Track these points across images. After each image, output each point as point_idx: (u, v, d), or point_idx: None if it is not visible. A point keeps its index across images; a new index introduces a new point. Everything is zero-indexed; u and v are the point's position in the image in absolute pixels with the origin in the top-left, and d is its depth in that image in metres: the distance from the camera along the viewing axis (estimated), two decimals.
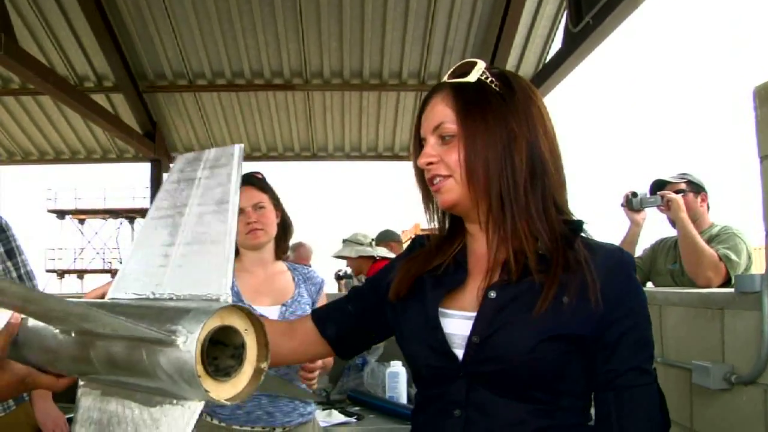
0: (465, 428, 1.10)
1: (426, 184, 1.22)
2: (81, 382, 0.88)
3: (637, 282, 1.16)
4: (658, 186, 3.27)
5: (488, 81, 1.17)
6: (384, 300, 1.28)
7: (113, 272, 34.24)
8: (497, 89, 1.16)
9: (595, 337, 1.08)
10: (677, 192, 3.15)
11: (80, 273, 36.40)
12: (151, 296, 0.84)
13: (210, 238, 0.82)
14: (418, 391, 1.26)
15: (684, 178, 3.20)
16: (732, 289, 2.31)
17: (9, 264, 2.38)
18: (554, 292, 1.07)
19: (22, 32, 5.78)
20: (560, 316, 1.07)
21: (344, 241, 6.08)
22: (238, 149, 0.89)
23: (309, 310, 2.34)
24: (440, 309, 1.16)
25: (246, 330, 0.78)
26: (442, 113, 1.17)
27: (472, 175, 1.13)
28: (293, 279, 2.41)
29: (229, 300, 0.77)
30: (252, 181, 2.40)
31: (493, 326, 1.09)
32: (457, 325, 1.14)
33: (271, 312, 2.26)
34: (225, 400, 0.76)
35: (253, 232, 2.30)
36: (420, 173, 1.23)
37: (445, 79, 1.22)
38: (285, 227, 2.45)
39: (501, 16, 5.70)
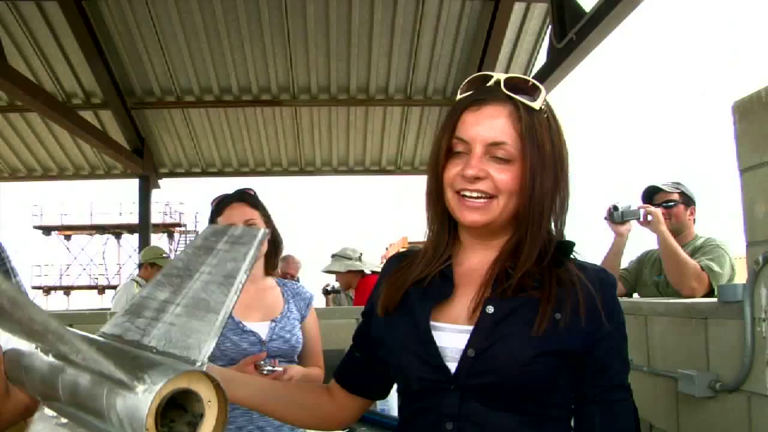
0: None
1: (439, 187, 1.19)
2: (42, 406, 0.88)
3: (618, 302, 1.21)
4: (651, 192, 3.30)
5: (544, 112, 1.17)
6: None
7: (99, 288, 34.03)
8: (548, 120, 1.17)
9: (584, 352, 1.13)
10: (668, 202, 3.19)
11: (66, 289, 36.09)
12: (134, 344, 0.84)
13: (208, 306, 0.83)
14: (405, 403, 1.26)
15: (677, 189, 3.24)
16: (715, 299, 2.36)
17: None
18: (550, 309, 1.11)
19: (10, 49, 5.79)
20: (555, 332, 1.10)
21: (333, 255, 6.10)
22: (262, 233, 0.92)
23: (298, 326, 2.37)
24: (431, 322, 1.17)
25: (209, 402, 0.76)
26: (506, 132, 1.13)
27: (528, 207, 1.14)
28: (282, 295, 2.43)
29: (204, 368, 0.76)
30: (244, 197, 2.42)
31: (490, 340, 1.11)
32: (450, 338, 1.15)
33: (261, 327, 2.27)
34: None
35: None
36: (439, 170, 1.19)
37: (503, 87, 1.15)
38: (275, 244, 2.48)
39: (486, 32, 5.77)
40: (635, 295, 3.42)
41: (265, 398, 1.32)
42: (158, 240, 31.27)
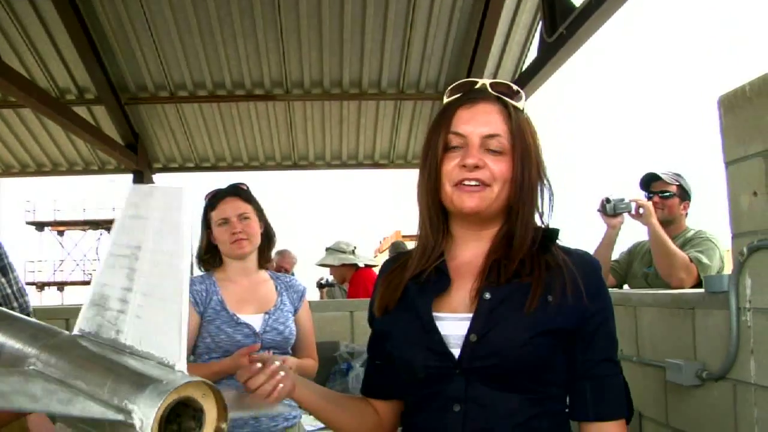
0: (464, 421, 1.20)
1: (435, 183, 1.28)
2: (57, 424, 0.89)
3: (603, 281, 1.31)
4: (649, 180, 3.32)
5: (524, 112, 1.31)
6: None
7: None
8: (527, 119, 1.31)
9: (575, 330, 1.22)
10: (664, 192, 3.22)
11: (60, 285, 36.04)
12: (112, 344, 0.84)
13: (164, 293, 0.81)
14: (410, 392, 1.33)
15: (677, 181, 3.26)
16: (702, 290, 2.41)
17: (3, 281, 2.42)
18: (540, 291, 1.20)
19: (4, 46, 5.80)
20: (547, 313, 1.19)
21: (327, 249, 6.14)
22: (186, 194, 0.85)
23: (291, 318, 2.41)
24: (433, 313, 1.25)
25: (204, 395, 0.78)
26: (500, 126, 1.26)
27: (517, 194, 1.26)
28: (276, 288, 2.47)
29: (184, 368, 0.77)
30: (237, 192, 2.46)
31: (489, 324, 1.20)
32: (451, 326, 1.23)
33: (254, 320, 2.32)
34: None
35: (238, 242, 2.35)
36: (436, 164, 1.27)
37: (489, 89, 1.30)
38: (268, 237, 2.52)
39: (478, 26, 5.79)
40: (625, 287, 3.46)
41: (326, 402, 1.39)
42: None
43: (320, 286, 7.84)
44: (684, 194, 3.28)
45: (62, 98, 6.72)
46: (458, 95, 1.32)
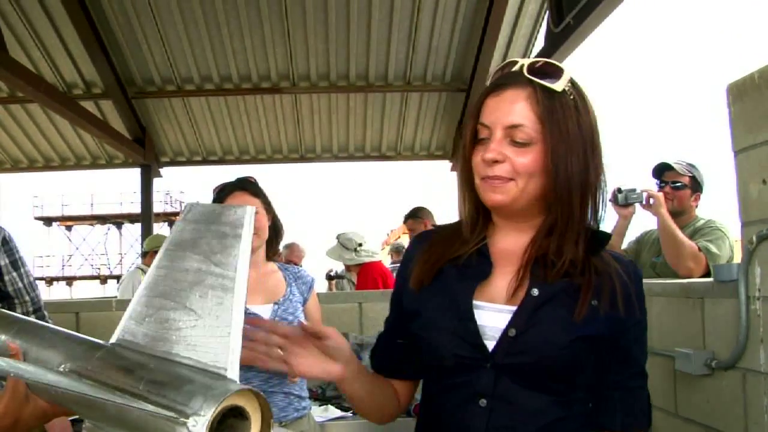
0: (489, 417, 1.16)
1: (470, 173, 1.22)
2: (86, 424, 0.87)
3: (644, 292, 1.26)
4: (662, 169, 3.30)
5: (570, 94, 1.18)
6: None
7: (102, 278, 34.11)
8: (574, 102, 1.18)
9: (613, 338, 1.18)
10: (676, 182, 3.21)
11: (69, 280, 36.19)
12: (159, 354, 0.83)
13: (220, 307, 0.80)
14: (433, 379, 1.28)
15: (690, 172, 3.22)
16: (711, 279, 2.40)
17: (14, 275, 2.45)
18: (590, 296, 1.16)
19: (11, 41, 5.80)
20: (592, 319, 1.15)
21: (337, 237, 6.13)
22: (248, 215, 0.85)
23: (300, 308, 2.42)
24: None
25: (251, 402, 0.79)
26: (524, 115, 1.15)
27: (553, 190, 1.16)
28: (284, 278, 2.48)
29: (236, 376, 0.77)
30: (245, 186, 2.46)
31: (532, 321, 1.15)
32: (489, 317, 1.18)
33: (264, 310, 2.33)
34: None
35: None
36: (466, 156, 1.22)
37: (525, 72, 1.18)
38: (276, 230, 2.52)
39: (484, 16, 5.78)
40: None
41: (370, 393, 1.33)
42: (159, 229, 31.32)
43: (329, 277, 7.85)
44: (696, 185, 3.26)
45: (69, 93, 6.76)
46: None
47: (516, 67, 1.20)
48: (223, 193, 2.46)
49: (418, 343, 1.28)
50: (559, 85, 1.16)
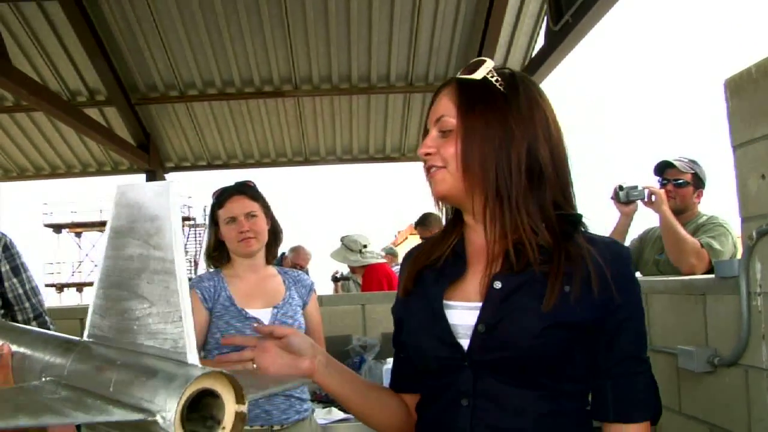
0: (473, 416, 1.14)
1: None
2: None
3: (634, 274, 1.23)
4: (663, 167, 3.29)
5: (494, 80, 1.21)
6: None
7: None
8: (501, 89, 1.20)
9: (596, 324, 1.14)
10: (678, 180, 3.20)
11: (79, 286, 36.35)
12: (123, 347, 0.83)
13: (164, 291, 0.78)
14: (424, 383, 1.28)
15: (692, 169, 3.22)
16: (713, 275, 2.39)
17: (15, 281, 2.46)
18: (559, 282, 1.13)
19: (14, 50, 5.83)
20: (563, 305, 1.12)
21: (342, 239, 6.14)
22: (173, 189, 0.78)
23: (300, 312, 2.42)
24: (444, 301, 1.20)
25: (219, 382, 0.77)
26: (445, 107, 1.23)
27: (467, 168, 1.18)
28: (284, 282, 2.49)
29: (196, 360, 0.76)
30: (244, 190, 2.47)
31: (499, 315, 1.14)
32: (461, 315, 1.18)
33: (263, 314, 2.34)
34: None
35: (246, 240, 2.37)
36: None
37: (458, 74, 1.27)
38: (275, 234, 2.53)
39: (485, 16, 5.76)
40: (637, 274, 3.44)
41: (355, 390, 1.33)
42: None
43: (335, 279, 7.86)
44: (698, 182, 3.25)
45: (73, 100, 6.77)
46: None
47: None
48: (222, 197, 2.48)
49: (407, 351, 1.30)
50: (478, 74, 1.22)
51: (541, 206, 1.19)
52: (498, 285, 1.16)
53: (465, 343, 1.15)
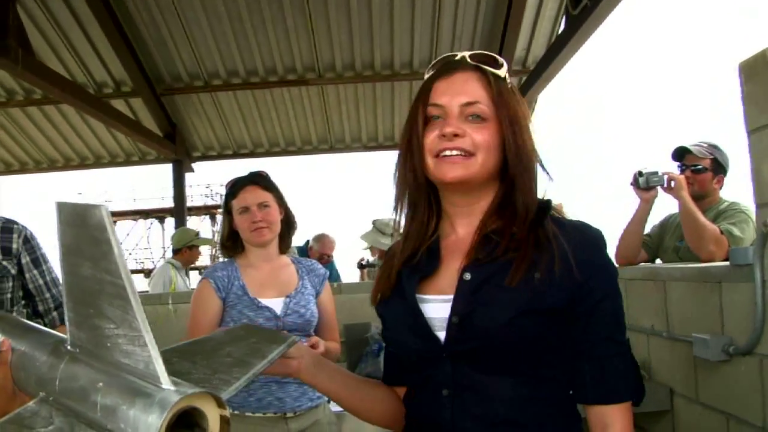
0: (454, 407, 1.15)
1: (419, 159, 1.22)
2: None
3: (606, 255, 1.21)
4: (680, 153, 3.23)
5: (508, 81, 1.25)
6: None
7: (146, 272, 34.71)
8: (512, 88, 1.25)
9: (568, 308, 1.14)
10: (696, 166, 3.14)
11: None
12: (107, 357, 0.83)
13: (123, 316, 0.78)
14: (408, 376, 1.30)
15: (711, 154, 3.15)
16: (728, 263, 2.35)
17: (36, 272, 2.52)
18: (525, 267, 1.13)
19: (42, 45, 5.94)
20: (533, 292, 1.12)
21: (374, 222, 6.13)
22: (105, 213, 0.75)
23: (313, 301, 2.43)
24: (418, 295, 1.21)
25: (197, 396, 0.78)
26: (477, 93, 1.20)
27: (512, 158, 1.19)
28: (297, 272, 2.50)
29: (168, 382, 0.76)
30: (257, 180, 2.48)
31: (471, 305, 1.14)
32: (436, 308, 1.19)
33: (275, 303, 2.35)
34: None
35: (258, 230, 2.38)
36: (417, 139, 1.22)
37: (468, 59, 1.24)
38: (289, 223, 2.54)
39: (507, 1, 5.72)
40: (658, 261, 3.40)
41: (343, 387, 1.34)
42: (201, 222, 31.84)
43: (361, 266, 7.86)
44: (718, 167, 3.17)
45: (100, 92, 6.88)
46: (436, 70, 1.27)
47: (458, 58, 1.26)
48: (235, 187, 2.49)
49: (389, 345, 1.33)
50: (502, 72, 1.23)
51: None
52: (468, 276, 1.16)
53: (442, 335, 1.16)
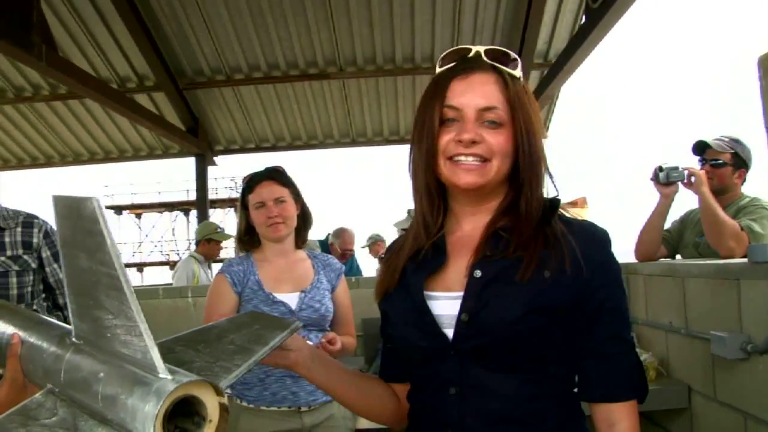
0: (460, 404, 1.16)
1: (431, 158, 1.21)
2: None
3: (612, 254, 1.22)
4: (701, 147, 3.19)
5: (521, 80, 1.24)
6: None
7: (171, 264, 35.02)
8: (525, 87, 1.23)
9: (575, 306, 1.14)
10: (716, 160, 3.10)
11: (140, 266, 37.25)
12: (108, 347, 0.85)
13: (119, 307, 0.80)
14: (412, 373, 1.30)
15: (732, 149, 3.10)
16: (747, 260, 2.32)
17: (56, 266, 2.56)
18: (535, 264, 1.13)
19: (65, 40, 6.02)
20: (542, 289, 1.12)
21: (408, 211, 6.11)
22: (97, 204, 0.78)
23: (328, 296, 2.45)
24: (425, 292, 1.21)
25: (196, 385, 0.80)
26: (495, 97, 1.18)
27: (524, 162, 1.19)
28: (313, 266, 2.51)
29: (165, 372, 0.78)
30: (273, 175, 2.49)
31: (481, 303, 1.14)
32: (444, 305, 1.19)
33: (291, 298, 2.36)
34: None
35: (274, 225, 2.40)
36: (432, 139, 1.20)
37: (483, 56, 1.22)
38: (305, 218, 2.55)
39: None
40: (678, 257, 3.37)
41: (341, 382, 1.35)
42: (225, 214, 32.03)
43: (382, 259, 7.86)
44: (739, 162, 3.13)
45: (123, 86, 6.95)
46: (452, 65, 1.24)
47: (472, 53, 1.24)
48: (251, 182, 2.50)
49: (393, 342, 1.32)
50: (517, 72, 1.23)
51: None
52: (478, 274, 1.16)
53: (449, 332, 1.16)
